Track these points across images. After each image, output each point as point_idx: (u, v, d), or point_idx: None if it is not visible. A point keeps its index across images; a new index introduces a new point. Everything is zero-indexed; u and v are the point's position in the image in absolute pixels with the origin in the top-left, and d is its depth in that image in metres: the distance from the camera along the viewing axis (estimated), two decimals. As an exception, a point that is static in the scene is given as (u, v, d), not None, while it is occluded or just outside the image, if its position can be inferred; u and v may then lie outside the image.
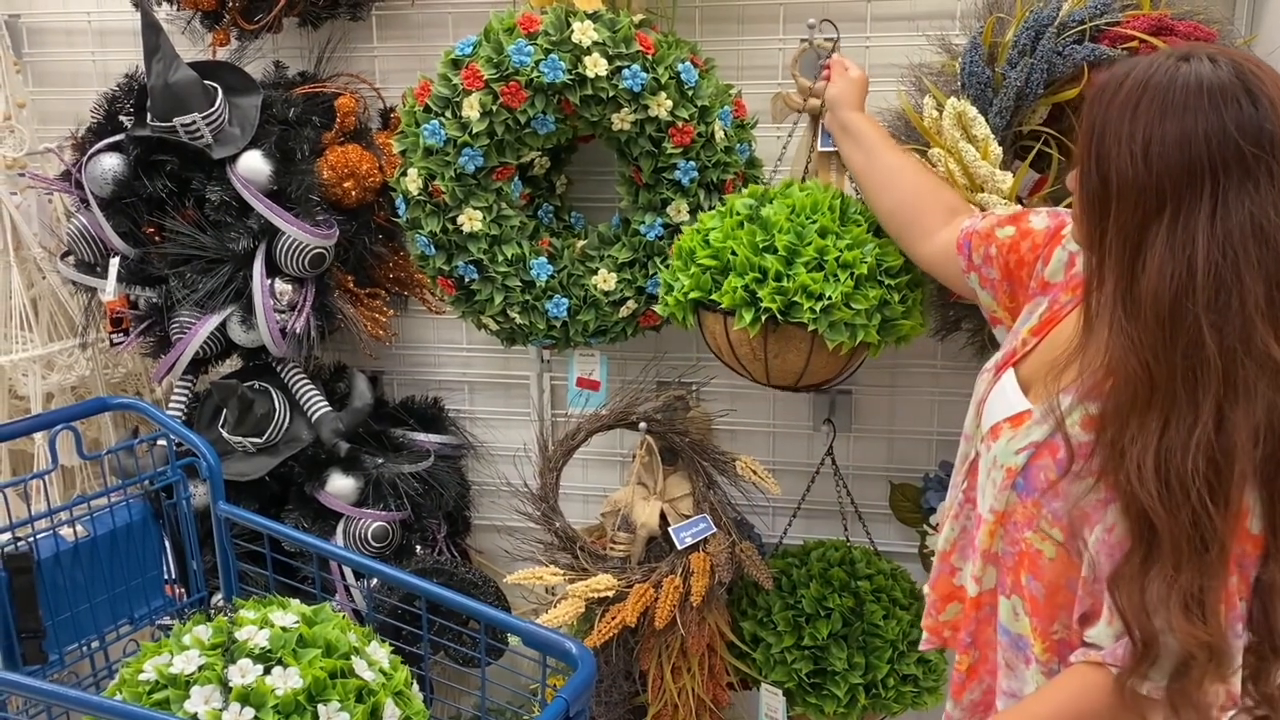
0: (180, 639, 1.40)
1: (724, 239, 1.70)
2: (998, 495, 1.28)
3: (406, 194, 2.00)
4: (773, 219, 1.70)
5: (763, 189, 1.81)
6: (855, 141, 1.71)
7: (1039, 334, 1.34)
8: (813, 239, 1.66)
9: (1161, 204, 1.07)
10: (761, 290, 1.64)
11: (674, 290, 1.78)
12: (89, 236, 2.22)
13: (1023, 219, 1.44)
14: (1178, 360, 1.07)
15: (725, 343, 1.75)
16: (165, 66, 2.07)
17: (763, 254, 1.66)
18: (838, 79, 1.77)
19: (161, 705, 1.30)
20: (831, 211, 1.71)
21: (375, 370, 2.43)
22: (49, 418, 1.90)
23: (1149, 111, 1.08)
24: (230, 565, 1.94)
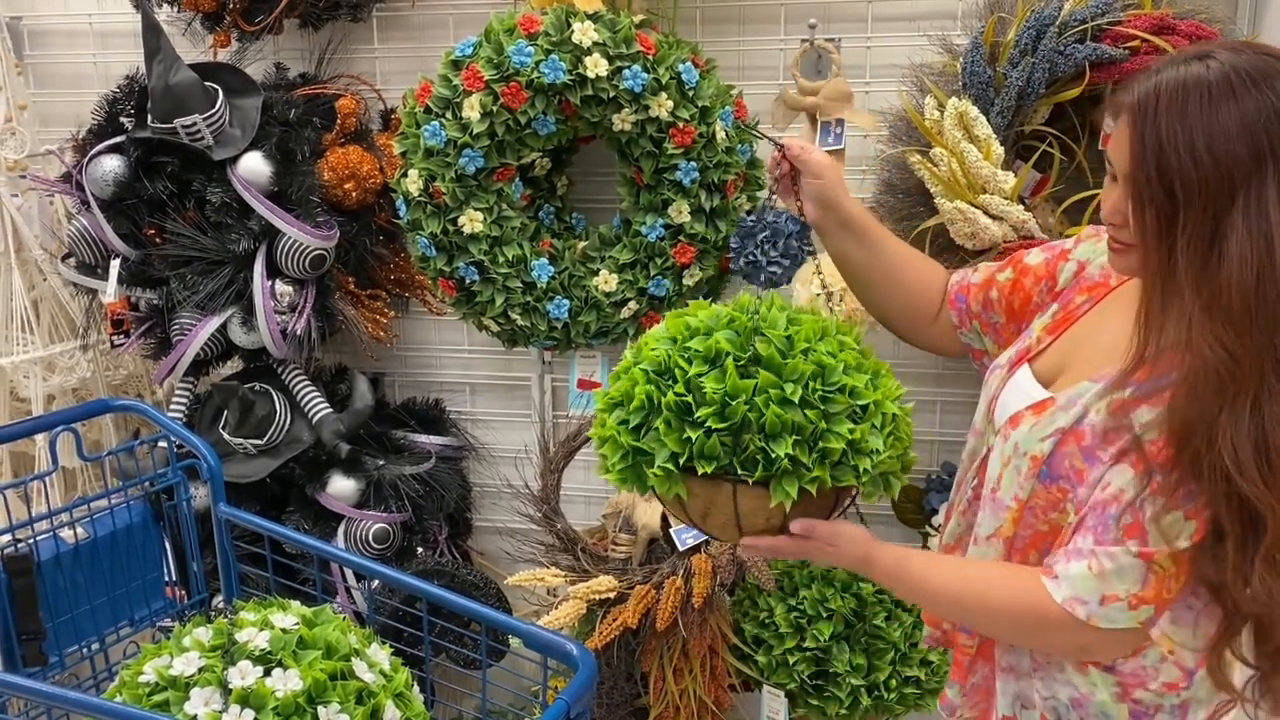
0: (180, 641, 1.40)
1: (723, 387, 1.26)
2: (1022, 483, 1.27)
3: (407, 195, 1.99)
4: (790, 367, 1.28)
5: (727, 311, 1.37)
6: (858, 238, 1.53)
7: (1054, 332, 1.36)
8: (841, 379, 1.28)
9: (1233, 195, 1.07)
10: (804, 455, 1.24)
11: (654, 459, 1.29)
12: (90, 238, 2.22)
13: (1018, 260, 1.47)
14: (1264, 343, 1.07)
15: (730, 515, 1.31)
16: (166, 68, 2.07)
17: (791, 407, 1.25)
18: (818, 168, 1.51)
19: (161, 707, 1.30)
20: (839, 337, 1.36)
21: (376, 372, 2.43)
22: (50, 419, 1.90)
23: (1199, 110, 1.08)
24: (231, 567, 1.94)
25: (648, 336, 1.40)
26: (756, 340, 1.31)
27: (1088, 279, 1.37)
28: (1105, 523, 1.17)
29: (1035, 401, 1.29)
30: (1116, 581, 1.16)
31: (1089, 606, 1.18)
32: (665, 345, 1.35)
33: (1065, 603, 1.19)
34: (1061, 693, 1.30)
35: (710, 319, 1.36)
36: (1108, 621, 1.18)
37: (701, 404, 1.27)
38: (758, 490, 1.26)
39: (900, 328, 1.62)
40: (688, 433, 1.27)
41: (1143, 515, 1.15)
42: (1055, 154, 1.82)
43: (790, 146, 1.53)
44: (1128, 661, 1.24)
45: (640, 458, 1.31)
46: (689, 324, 1.36)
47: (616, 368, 1.41)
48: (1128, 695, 1.26)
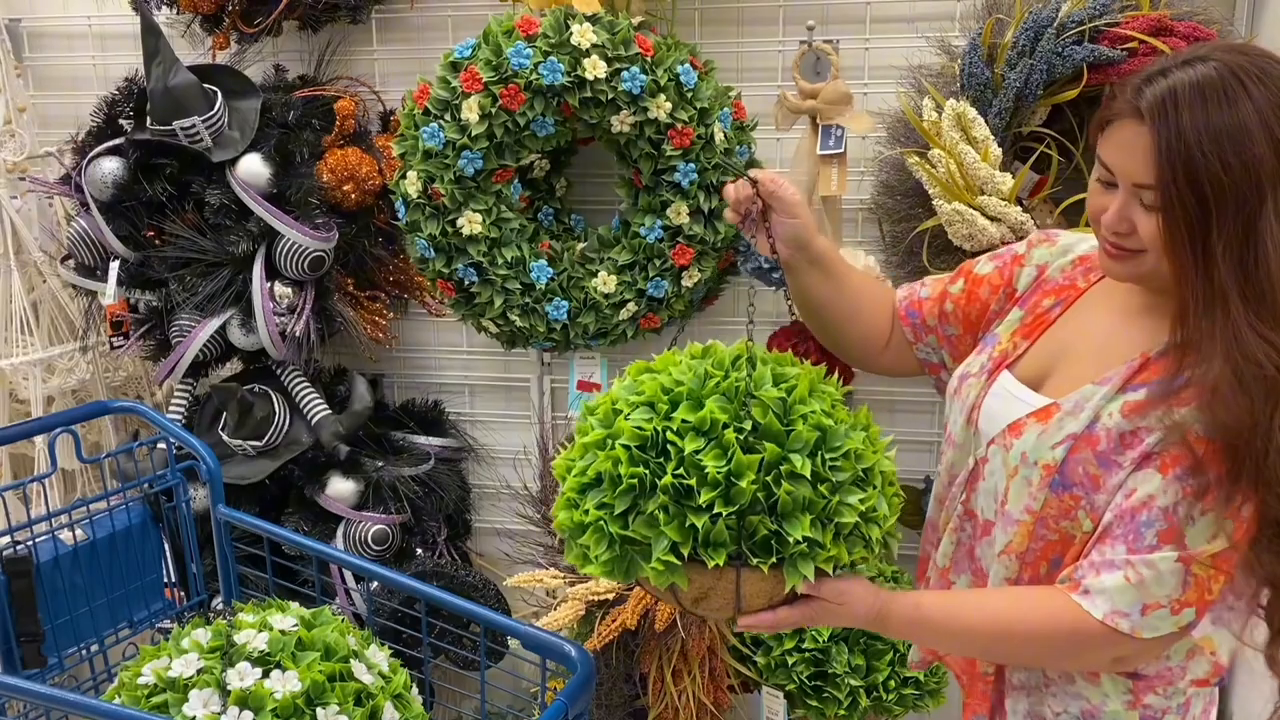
0: (179, 642, 1.39)
1: (726, 465, 1.14)
2: (1034, 494, 1.24)
3: (406, 197, 2.00)
4: (794, 437, 1.17)
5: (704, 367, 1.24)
6: (825, 274, 1.46)
7: (1029, 337, 1.34)
8: (845, 443, 1.20)
9: (1261, 194, 1.08)
10: (819, 534, 1.16)
11: (650, 550, 1.16)
12: (89, 240, 2.22)
13: (968, 270, 1.46)
14: None
15: (730, 599, 1.20)
16: (165, 70, 2.07)
17: (801, 482, 1.16)
18: (792, 206, 1.41)
19: (160, 709, 1.30)
20: (824, 389, 1.27)
21: (375, 373, 2.43)
22: (49, 421, 1.90)
23: (1219, 111, 1.08)
24: (230, 568, 1.94)
25: (612, 399, 1.24)
26: (751, 405, 1.18)
27: (1051, 282, 1.36)
28: (1136, 530, 1.16)
29: (1037, 408, 1.27)
30: (1157, 589, 1.15)
31: (1131, 619, 1.16)
32: (645, 415, 1.19)
33: (1106, 618, 1.16)
34: (1073, 706, 1.29)
35: (692, 379, 1.21)
36: (1151, 631, 1.16)
37: (703, 485, 1.13)
38: (766, 574, 1.15)
39: (856, 356, 1.58)
40: (690, 519, 1.13)
41: (1177, 519, 1.14)
42: (1053, 155, 1.82)
43: (763, 181, 1.40)
44: (1151, 665, 1.23)
45: (632, 548, 1.16)
46: (665, 385, 1.21)
47: (578, 437, 1.23)
48: (1139, 702, 1.25)
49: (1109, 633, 1.17)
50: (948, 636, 1.29)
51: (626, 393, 1.24)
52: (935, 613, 1.26)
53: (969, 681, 1.42)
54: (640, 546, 1.16)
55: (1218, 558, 1.14)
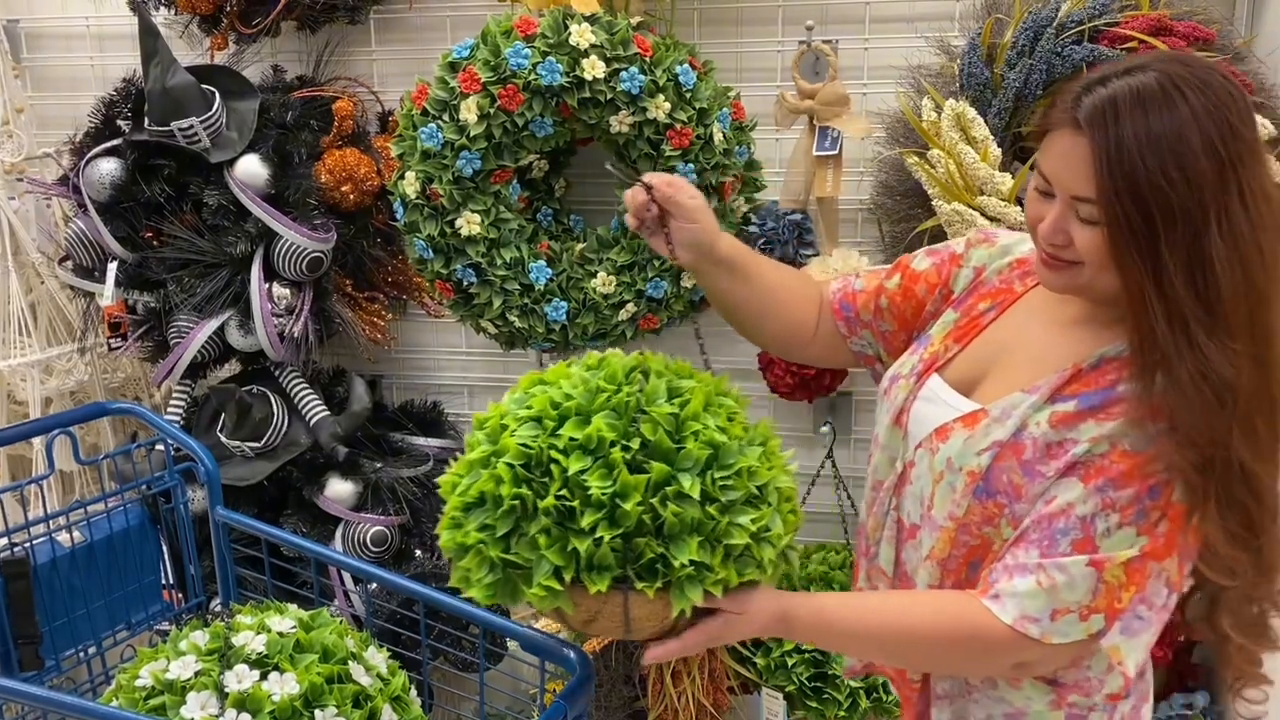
0: (177, 645, 1.39)
1: (611, 486, 1.10)
2: (958, 500, 1.22)
3: (404, 197, 1.99)
4: (684, 455, 1.13)
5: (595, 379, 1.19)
6: (734, 275, 1.43)
7: (960, 340, 1.31)
8: (738, 461, 1.15)
9: (1205, 211, 1.06)
10: (708, 556, 1.11)
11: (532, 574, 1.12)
12: (87, 241, 2.22)
13: (904, 265, 1.42)
14: (1259, 354, 1.09)
15: (619, 622, 1.15)
16: (163, 71, 2.07)
17: (689, 503, 1.11)
18: (690, 212, 1.37)
19: (158, 711, 1.30)
20: (721, 401, 1.22)
21: (374, 374, 2.43)
22: (47, 423, 1.89)
23: (1159, 122, 1.07)
24: (228, 570, 1.93)
25: (501, 414, 1.19)
26: (641, 422, 1.13)
27: (988, 285, 1.34)
28: (1052, 537, 1.15)
29: (964, 413, 1.25)
30: (1067, 594, 1.14)
31: (1041, 624, 1.15)
32: (531, 431, 1.14)
33: (1016, 623, 1.15)
34: (997, 710, 1.27)
35: (582, 393, 1.16)
36: (1061, 636, 1.15)
37: (587, 507, 1.09)
38: (654, 597, 1.11)
39: (777, 349, 1.56)
40: (573, 543, 1.09)
41: (1094, 530, 1.13)
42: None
43: (658, 186, 1.37)
44: (1069, 672, 1.22)
45: (514, 571, 1.13)
46: (555, 400, 1.16)
47: (468, 453, 1.19)
48: (1063, 702, 1.24)
49: (1016, 637, 1.15)
50: (852, 640, 1.27)
51: (516, 406, 1.19)
52: (839, 616, 1.23)
53: (899, 688, 1.41)
54: (523, 570, 1.12)
55: (1130, 566, 1.13)
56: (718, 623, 1.17)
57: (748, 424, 1.22)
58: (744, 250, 1.46)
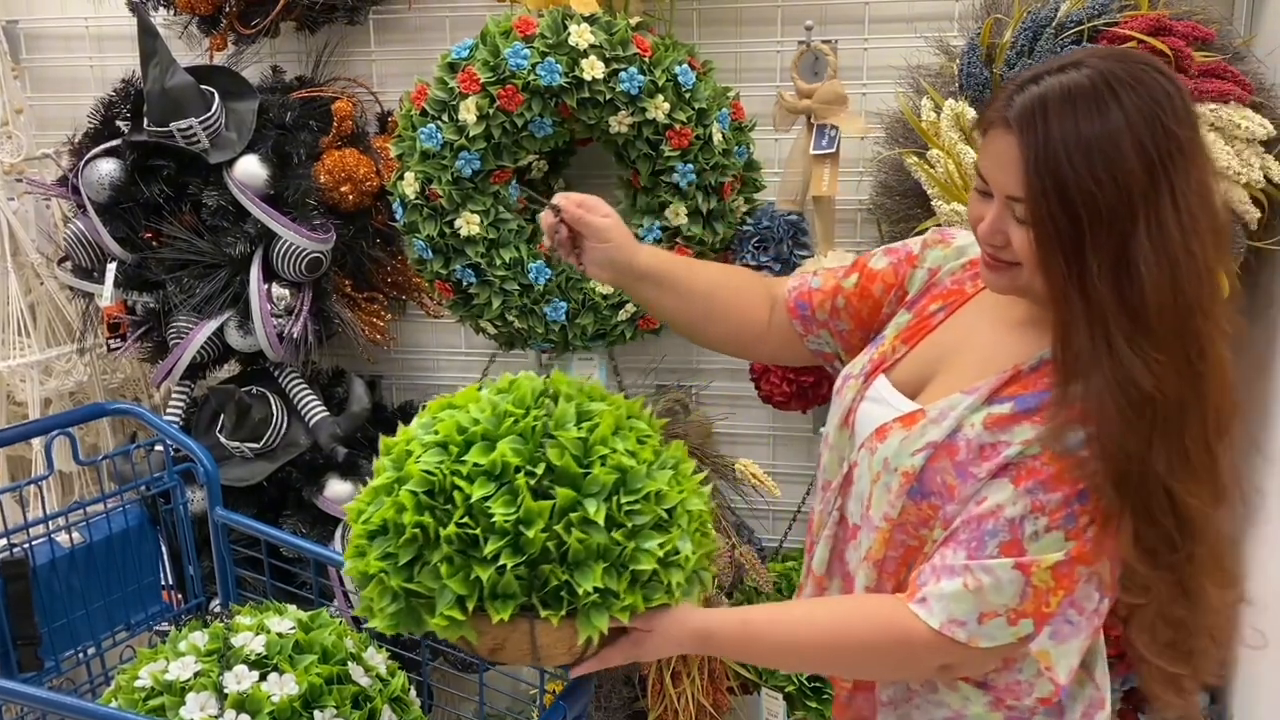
0: (176, 645, 1.39)
1: (515, 513, 1.08)
2: (893, 501, 1.21)
3: (404, 198, 1.99)
4: (590, 480, 1.12)
5: (505, 404, 1.18)
6: (661, 287, 1.40)
7: (909, 341, 1.30)
8: (646, 485, 1.14)
9: (1133, 214, 1.04)
10: (614, 583, 1.10)
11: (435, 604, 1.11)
12: (86, 242, 2.22)
13: (863, 264, 1.39)
14: (1183, 361, 1.06)
15: (526, 650, 1.14)
16: (162, 71, 2.07)
17: (595, 530, 1.10)
18: (600, 232, 1.36)
19: (157, 712, 1.30)
20: (633, 423, 1.22)
21: (373, 374, 2.43)
22: (46, 423, 1.89)
23: (1089, 121, 1.04)
24: (228, 571, 1.93)
25: (408, 438, 1.17)
26: (548, 446, 1.11)
27: (940, 286, 1.32)
28: (980, 538, 1.13)
29: (903, 414, 1.23)
30: (994, 597, 1.12)
31: (968, 628, 1.13)
32: (436, 457, 1.12)
33: (943, 627, 1.13)
34: (937, 714, 1.26)
35: (488, 418, 1.14)
36: (988, 640, 1.13)
37: (490, 535, 1.07)
38: (560, 624, 1.09)
39: (730, 350, 1.53)
40: (475, 571, 1.07)
41: (1021, 533, 1.12)
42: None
43: (566, 208, 1.34)
44: (1000, 675, 1.20)
45: (417, 600, 1.10)
46: (461, 424, 1.14)
47: (374, 480, 1.17)
48: (1002, 704, 1.22)
49: (943, 641, 1.14)
50: (778, 653, 1.24)
51: (423, 431, 1.17)
52: (764, 628, 1.21)
53: (832, 680, 1.41)
54: (426, 600, 1.10)
55: (1057, 570, 1.11)
56: (630, 641, 1.16)
57: (659, 447, 1.20)
58: (671, 261, 1.44)
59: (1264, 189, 1.71)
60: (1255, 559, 1.81)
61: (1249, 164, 1.69)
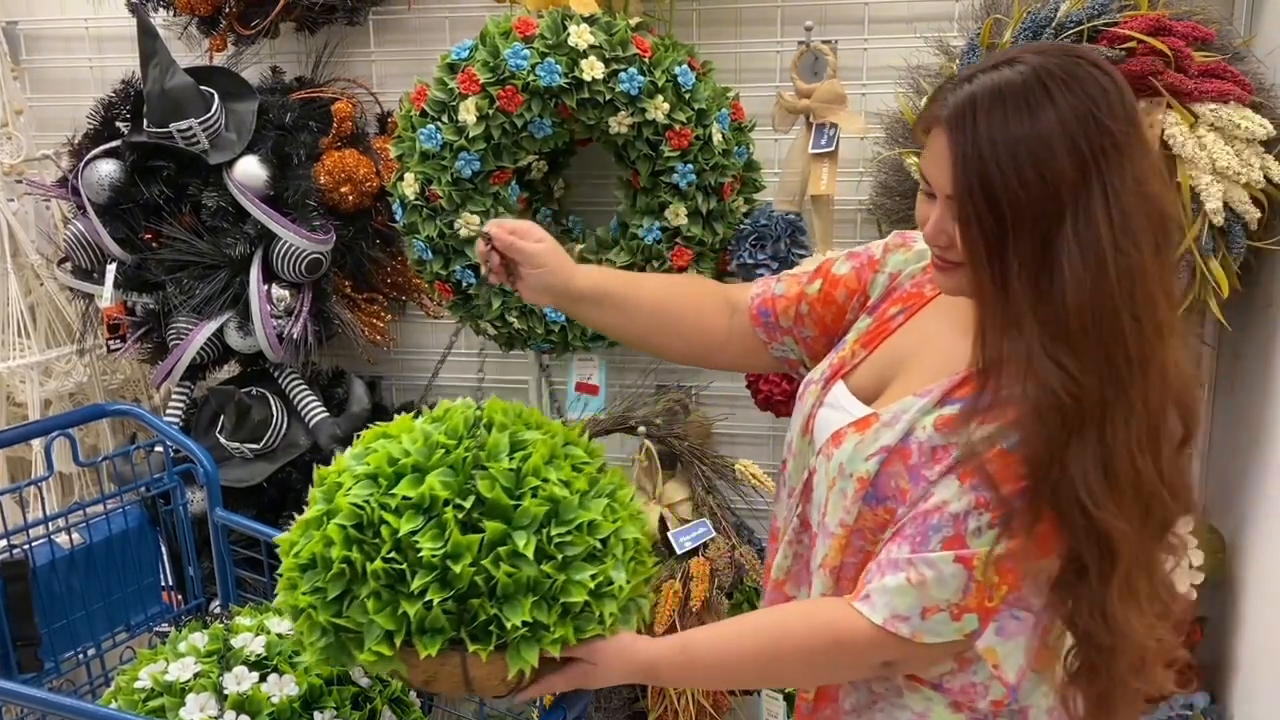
0: (176, 646, 1.39)
1: (442, 547, 1.08)
2: (848, 507, 1.19)
3: (404, 198, 1.99)
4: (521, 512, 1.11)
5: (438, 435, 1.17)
6: (604, 307, 1.38)
7: (868, 346, 1.29)
8: (578, 515, 1.13)
9: (1061, 212, 1.02)
10: (544, 615, 1.09)
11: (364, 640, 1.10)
12: (86, 243, 2.22)
13: (826, 270, 1.37)
14: (1104, 362, 1.03)
15: (459, 682, 1.13)
16: (162, 72, 2.07)
17: (525, 562, 1.09)
18: (533, 257, 1.34)
19: (157, 713, 1.30)
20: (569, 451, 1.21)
21: (373, 375, 2.42)
22: (46, 424, 1.89)
23: (1019, 118, 1.03)
24: (228, 572, 1.93)
25: (340, 469, 1.16)
26: (478, 478, 1.10)
27: (900, 290, 1.30)
28: (925, 533, 1.12)
29: (857, 418, 1.22)
30: (937, 591, 1.11)
31: (911, 623, 1.11)
32: (365, 490, 1.11)
33: (886, 623, 1.12)
34: (901, 716, 1.24)
35: (419, 449, 1.13)
36: (933, 635, 1.12)
37: (417, 569, 1.06)
38: (489, 658, 1.08)
39: (690, 361, 1.51)
40: (403, 606, 1.06)
41: (964, 529, 1.10)
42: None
43: (497, 235, 1.33)
44: (955, 678, 1.19)
45: (346, 635, 1.10)
46: (392, 456, 1.13)
47: (307, 511, 1.16)
48: (962, 707, 1.21)
49: (885, 636, 1.12)
50: (723, 671, 1.22)
51: (354, 462, 1.16)
52: (703, 649, 1.19)
53: (798, 705, 1.38)
54: (355, 634, 1.09)
55: (1000, 564, 1.09)
56: (576, 670, 1.15)
57: (596, 474, 1.18)
58: (612, 279, 1.42)
59: (1264, 189, 1.71)
60: (1255, 560, 1.81)
61: (1249, 164, 1.69)
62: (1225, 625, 1.90)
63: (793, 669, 1.21)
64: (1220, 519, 1.95)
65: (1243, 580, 1.85)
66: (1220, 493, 1.98)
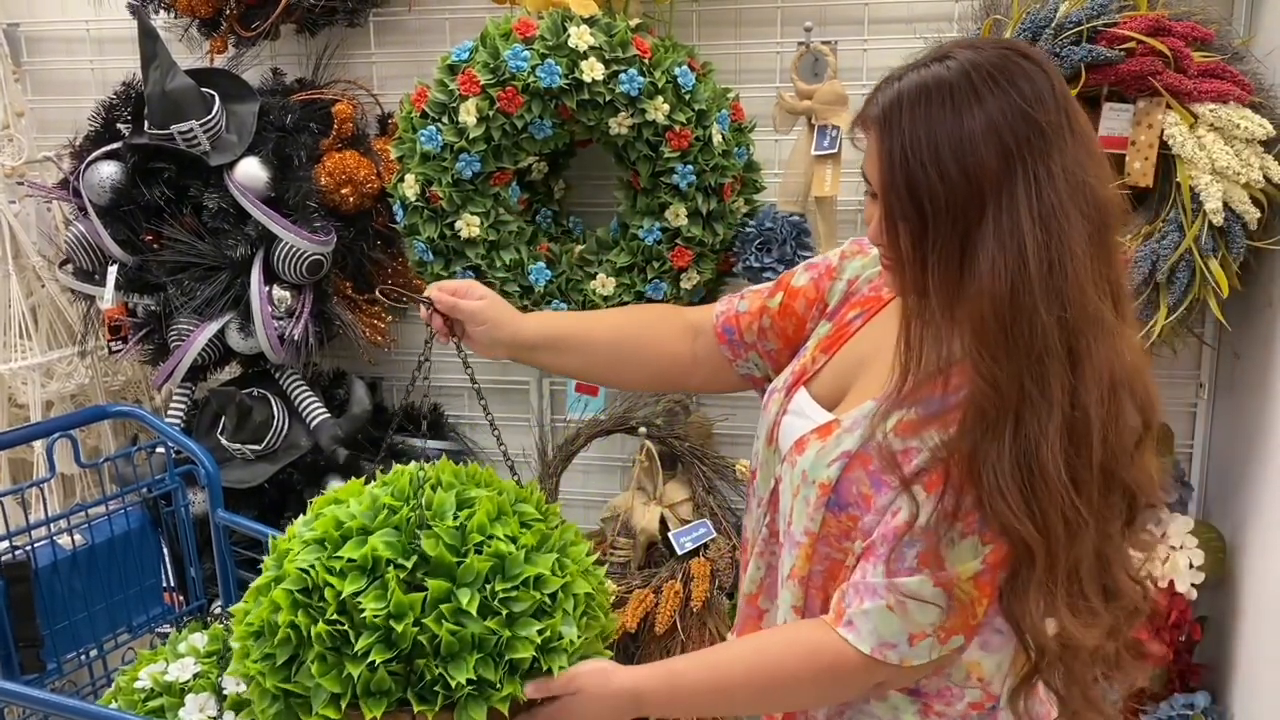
0: (176, 647, 1.40)
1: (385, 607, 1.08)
2: (812, 515, 1.18)
3: (404, 200, 1.99)
4: (464, 569, 1.11)
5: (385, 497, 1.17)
6: (559, 351, 1.39)
7: (828, 351, 1.28)
8: (524, 570, 1.13)
9: (982, 207, 1.00)
10: (491, 672, 1.09)
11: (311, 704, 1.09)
12: (87, 244, 2.22)
13: (785, 282, 1.36)
14: (1022, 358, 1.00)
15: None
16: (163, 74, 2.07)
17: (469, 619, 1.09)
18: (473, 315, 1.34)
19: (156, 713, 1.30)
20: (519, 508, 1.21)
21: (374, 376, 2.43)
22: (48, 426, 1.89)
23: (942, 115, 1.01)
24: (229, 573, 1.93)
25: (291, 535, 1.17)
26: (423, 537, 1.11)
27: (858, 294, 1.29)
28: (900, 550, 1.09)
29: (819, 425, 1.20)
30: (920, 616, 1.09)
31: (899, 650, 1.10)
32: (312, 554, 1.11)
33: (874, 651, 1.10)
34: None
35: (366, 511, 1.14)
36: (921, 659, 1.10)
37: (361, 631, 1.06)
38: (439, 717, 1.07)
39: (658, 388, 1.49)
40: (348, 668, 1.06)
41: (937, 539, 1.07)
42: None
43: (437, 299, 1.33)
44: (931, 682, 1.17)
45: (294, 700, 1.09)
46: (339, 519, 1.14)
47: (258, 580, 1.17)
48: (930, 711, 1.19)
49: (875, 665, 1.11)
50: (713, 699, 1.19)
51: (304, 528, 1.16)
52: (694, 676, 1.17)
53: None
54: (303, 701, 1.08)
55: (978, 580, 1.08)
56: (557, 706, 1.13)
57: (548, 530, 1.18)
58: (561, 322, 1.42)
59: (1263, 189, 1.71)
60: (1255, 560, 1.81)
61: (1248, 164, 1.69)
62: (1225, 625, 1.90)
63: (786, 695, 1.20)
64: (1220, 519, 1.95)
65: (1243, 580, 1.85)
66: (1220, 493, 1.98)
